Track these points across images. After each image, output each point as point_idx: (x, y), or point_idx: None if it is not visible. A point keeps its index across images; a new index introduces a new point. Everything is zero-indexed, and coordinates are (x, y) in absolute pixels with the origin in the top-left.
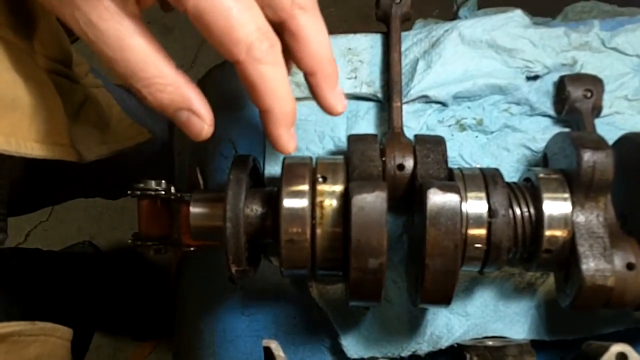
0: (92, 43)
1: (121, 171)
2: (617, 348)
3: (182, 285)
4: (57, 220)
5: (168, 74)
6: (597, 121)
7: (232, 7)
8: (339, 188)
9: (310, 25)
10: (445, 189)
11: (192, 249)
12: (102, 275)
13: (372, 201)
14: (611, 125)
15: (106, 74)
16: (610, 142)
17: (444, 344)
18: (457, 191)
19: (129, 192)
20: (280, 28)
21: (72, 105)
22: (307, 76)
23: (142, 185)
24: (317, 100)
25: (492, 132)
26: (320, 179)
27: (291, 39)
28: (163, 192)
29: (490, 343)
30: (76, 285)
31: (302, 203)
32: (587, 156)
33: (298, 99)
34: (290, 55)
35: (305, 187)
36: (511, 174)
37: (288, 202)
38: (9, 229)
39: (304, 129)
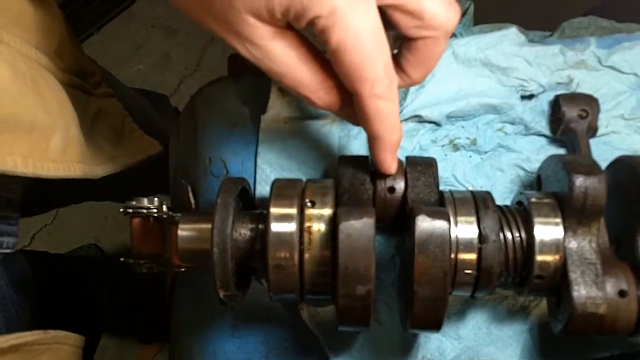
0: (259, 62)
1: (130, 175)
2: None
3: (175, 303)
4: (62, 223)
5: (329, 76)
6: (593, 140)
7: (371, 50)
8: (327, 212)
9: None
10: (434, 215)
11: (182, 269)
12: (107, 278)
13: (359, 228)
14: (608, 145)
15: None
16: (607, 162)
17: None
18: (447, 218)
19: (120, 209)
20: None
21: (87, 118)
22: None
23: (134, 203)
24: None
25: (486, 152)
26: (308, 204)
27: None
28: (155, 211)
29: None
30: (83, 288)
31: (290, 227)
32: (579, 181)
33: (290, 118)
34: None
35: (293, 211)
36: (504, 195)
37: (276, 227)
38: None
39: (297, 149)
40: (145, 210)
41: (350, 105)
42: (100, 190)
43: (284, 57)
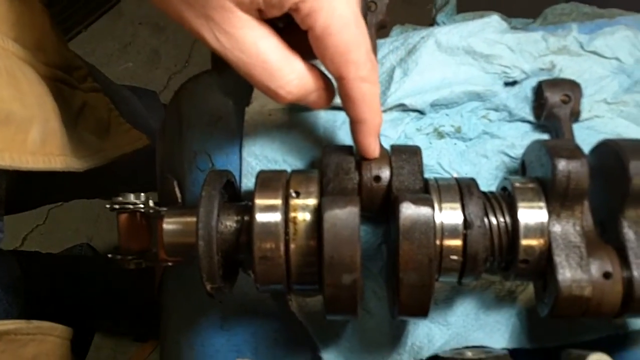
0: (228, 52)
1: (120, 171)
2: (595, 357)
3: (164, 298)
4: (54, 223)
5: (298, 67)
6: (576, 125)
7: (356, 33)
8: (312, 202)
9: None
10: (418, 202)
11: (169, 264)
12: (101, 277)
13: (344, 217)
14: (591, 129)
15: (105, 78)
16: (591, 146)
17: (425, 354)
18: (431, 204)
19: (107, 205)
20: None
21: (71, 111)
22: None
23: (120, 199)
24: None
25: (470, 139)
26: (293, 194)
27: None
28: (142, 206)
29: (470, 354)
30: (76, 287)
31: (275, 218)
32: (562, 165)
33: (275, 110)
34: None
35: (278, 202)
36: (490, 182)
37: (261, 217)
38: (4, 233)
39: (282, 141)
40: (132, 206)
41: (317, 92)
42: (89, 187)
43: (255, 47)
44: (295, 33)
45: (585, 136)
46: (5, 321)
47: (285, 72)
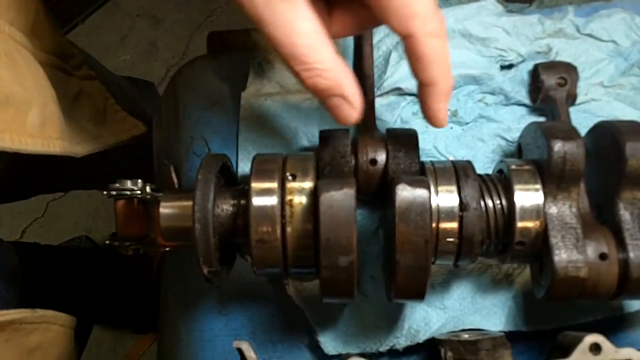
0: (262, 24)
1: (118, 160)
2: (590, 339)
3: (162, 284)
4: (53, 216)
5: (329, 60)
6: (573, 109)
7: None
8: (308, 185)
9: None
10: (414, 184)
11: (167, 249)
12: (100, 269)
13: (340, 199)
14: (587, 113)
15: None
16: (587, 129)
17: (422, 337)
18: (427, 186)
19: (104, 192)
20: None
21: (67, 98)
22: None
23: (117, 185)
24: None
25: (467, 123)
26: (289, 177)
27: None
28: (139, 192)
29: (466, 336)
30: (75, 278)
31: (272, 201)
32: (558, 147)
33: (270, 94)
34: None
35: (274, 185)
36: (486, 165)
37: (257, 201)
38: (4, 226)
39: (278, 125)
40: (129, 192)
41: (340, 98)
42: (87, 176)
43: (290, 26)
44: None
45: (582, 119)
46: (11, 311)
47: (312, 58)
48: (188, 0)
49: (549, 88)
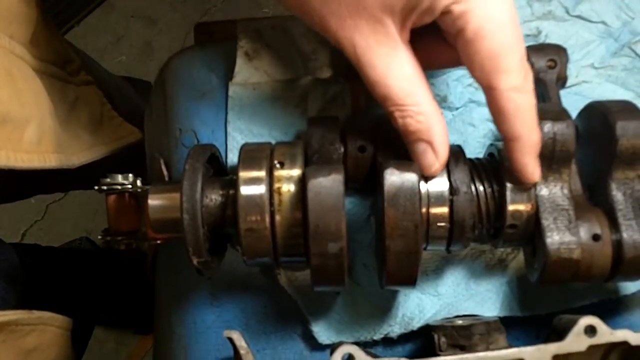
0: (361, 65)
1: (117, 162)
2: (585, 321)
3: (155, 278)
4: (53, 218)
5: (423, 104)
6: (564, 91)
7: (510, 37)
8: (296, 172)
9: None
10: (402, 168)
11: (158, 242)
12: (100, 270)
13: (328, 185)
14: (579, 95)
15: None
16: (579, 111)
17: (416, 325)
18: (415, 170)
19: (95, 187)
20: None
21: (64, 106)
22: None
23: (108, 180)
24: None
25: (457, 108)
26: (277, 165)
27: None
28: (130, 187)
29: (460, 322)
30: (75, 280)
31: (260, 190)
32: (547, 127)
33: (259, 83)
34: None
35: (262, 174)
36: (477, 150)
37: (245, 190)
38: (3, 229)
39: (267, 114)
40: (119, 187)
41: (431, 146)
42: (85, 177)
43: (386, 69)
44: (424, 43)
45: (573, 102)
46: (7, 312)
47: (406, 101)
48: (183, 1)
49: (538, 70)
